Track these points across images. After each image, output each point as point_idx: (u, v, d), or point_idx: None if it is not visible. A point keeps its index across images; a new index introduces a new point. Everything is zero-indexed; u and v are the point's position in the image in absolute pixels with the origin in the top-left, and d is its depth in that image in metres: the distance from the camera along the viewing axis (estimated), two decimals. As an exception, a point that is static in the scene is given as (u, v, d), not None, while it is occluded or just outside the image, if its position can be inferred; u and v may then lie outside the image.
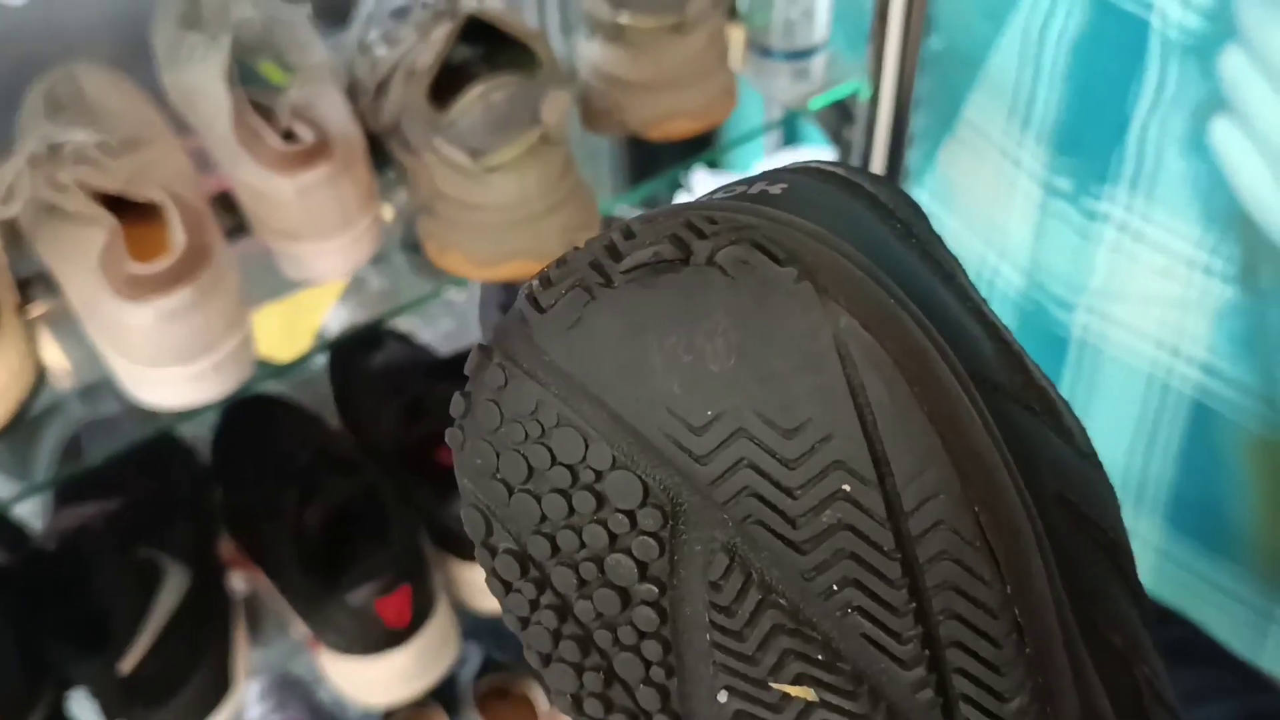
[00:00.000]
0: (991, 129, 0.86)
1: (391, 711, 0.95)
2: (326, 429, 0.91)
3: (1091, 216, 0.81)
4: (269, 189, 0.64)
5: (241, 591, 0.87)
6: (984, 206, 0.89)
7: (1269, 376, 0.76)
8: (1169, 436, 0.85)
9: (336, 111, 0.67)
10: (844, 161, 0.91)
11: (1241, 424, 0.79)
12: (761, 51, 0.83)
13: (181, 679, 0.77)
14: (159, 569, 0.78)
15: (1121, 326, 0.83)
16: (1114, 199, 0.79)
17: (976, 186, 0.90)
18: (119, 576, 0.76)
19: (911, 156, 0.90)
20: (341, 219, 0.65)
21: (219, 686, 0.79)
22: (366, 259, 0.69)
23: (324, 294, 0.91)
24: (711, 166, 1.12)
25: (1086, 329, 0.85)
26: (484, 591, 0.44)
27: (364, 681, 0.83)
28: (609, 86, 0.74)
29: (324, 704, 1.04)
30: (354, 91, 0.70)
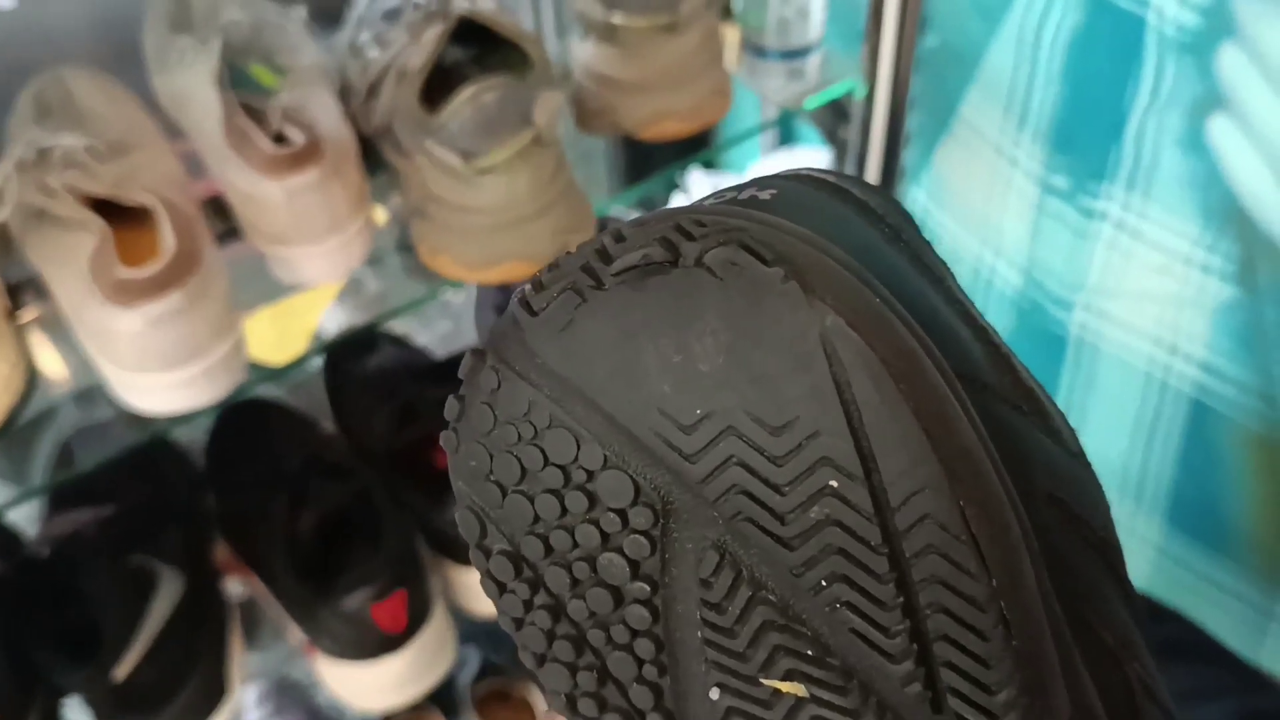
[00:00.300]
0: (987, 127, 0.86)
1: (390, 716, 0.94)
2: (321, 433, 0.91)
3: (1089, 215, 0.81)
4: (259, 192, 0.63)
5: (237, 597, 0.87)
6: (980, 205, 0.89)
7: (1267, 374, 0.76)
8: (1167, 434, 0.84)
9: (327, 114, 0.67)
10: (836, 168, 0.91)
11: (1240, 421, 0.79)
12: (756, 51, 0.82)
13: (176, 686, 0.76)
14: (153, 575, 0.78)
15: (1119, 325, 0.83)
16: (1111, 197, 0.79)
17: (973, 185, 0.90)
18: (112, 582, 0.76)
19: (907, 156, 0.90)
20: (331, 223, 0.65)
21: (214, 693, 0.79)
22: (357, 263, 0.69)
23: (319, 297, 0.90)
24: (707, 167, 1.12)
25: (1084, 327, 0.85)
26: (480, 594, 0.44)
27: (361, 687, 0.83)
28: (602, 87, 0.74)
29: (322, 708, 1.03)
30: (345, 94, 0.70)
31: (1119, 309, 0.82)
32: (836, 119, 0.87)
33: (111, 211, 0.60)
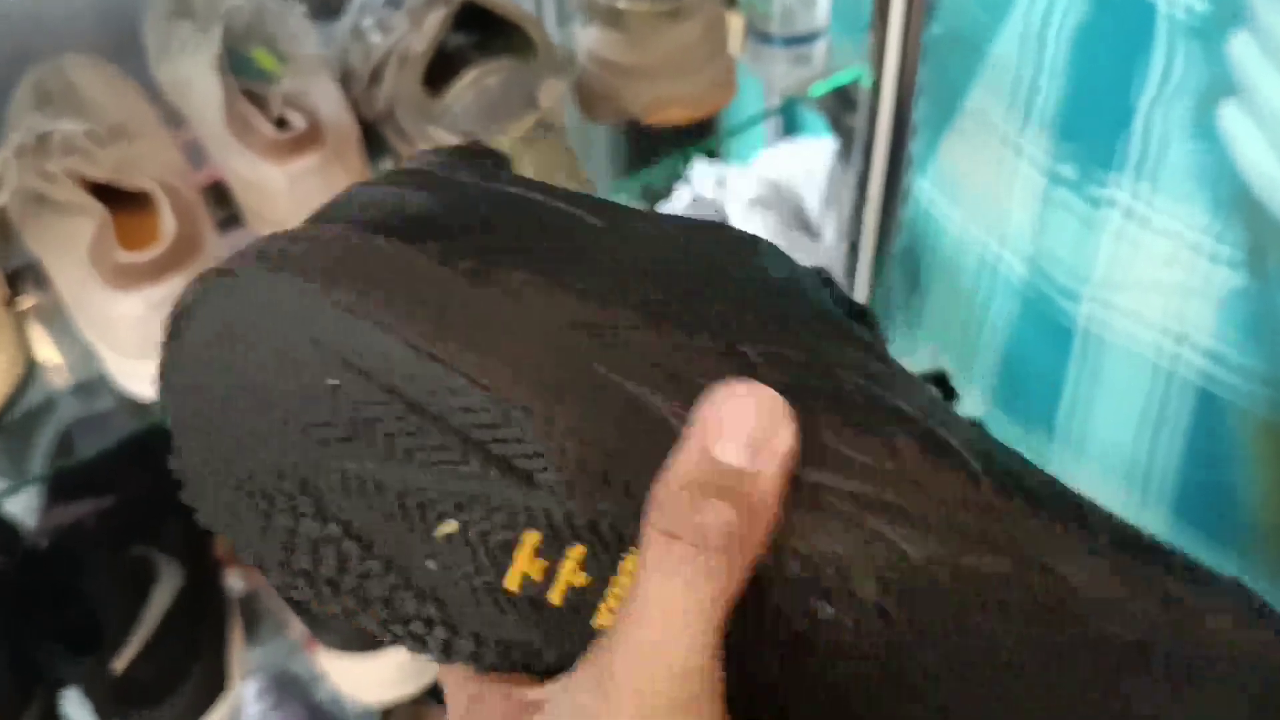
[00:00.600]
0: (993, 116, 0.85)
1: (390, 709, 0.94)
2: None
3: (1096, 204, 0.80)
4: (261, 178, 0.63)
5: (238, 590, 0.86)
6: (986, 195, 0.88)
7: (1276, 363, 0.75)
8: (1174, 425, 0.84)
9: (329, 99, 0.66)
10: (842, 158, 0.90)
11: (1248, 411, 0.78)
12: (761, 37, 0.82)
13: (176, 678, 0.76)
14: (153, 567, 0.77)
15: (1126, 315, 0.82)
16: (1119, 186, 0.78)
17: (978, 175, 0.89)
18: (112, 575, 0.75)
19: (913, 145, 0.89)
20: (335, 208, 0.64)
21: (214, 686, 0.78)
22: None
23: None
24: (710, 155, 1.11)
25: (1091, 318, 0.84)
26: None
27: (362, 680, 0.82)
28: (606, 72, 0.73)
29: (322, 703, 1.03)
30: (347, 80, 0.69)
31: (1126, 299, 0.82)
32: (842, 107, 0.87)
33: (112, 197, 0.60)
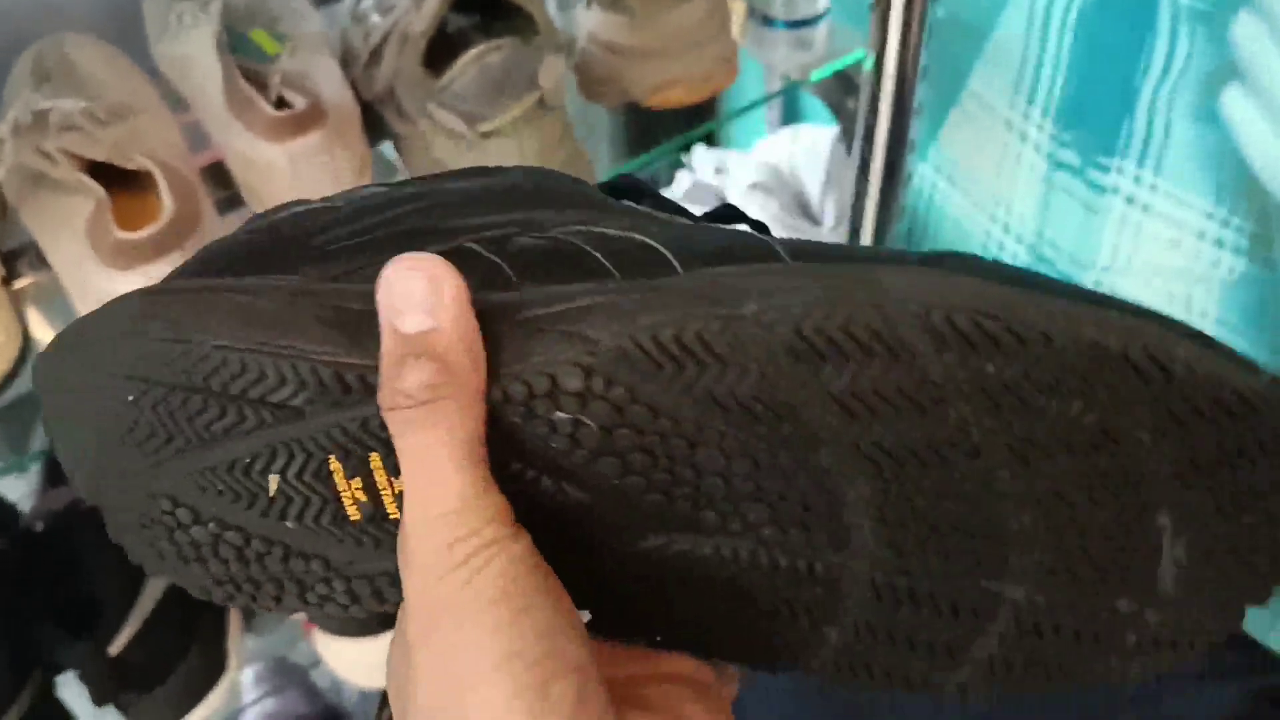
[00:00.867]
0: (996, 101, 0.85)
1: (388, 693, 0.93)
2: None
3: (1099, 189, 0.80)
4: (261, 157, 0.62)
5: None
6: (989, 180, 0.88)
7: (1279, 348, 0.75)
8: (1177, 413, 0.83)
9: (329, 79, 0.66)
10: (843, 141, 0.89)
11: (1251, 399, 0.78)
12: (762, 20, 0.81)
13: (173, 662, 0.75)
14: (150, 549, 0.77)
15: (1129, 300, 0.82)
16: (1122, 171, 0.78)
17: (981, 160, 0.89)
18: (109, 557, 0.75)
19: (914, 128, 0.89)
20: (334, 188, 0.63)
21: (212, 669, 0.78)
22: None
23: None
24: (709, 140, 1.11)
25: (1093, 304, 0.84)
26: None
27: (359, 663, 0.82)
28: (607, 54, 0.73)
29: (320, 688, 1.03)
30: (347, 60, 0.69)
31: (1129, 284, 0.81)
32: (844, 91, 0.86)
33: (110, 176, 0.59)
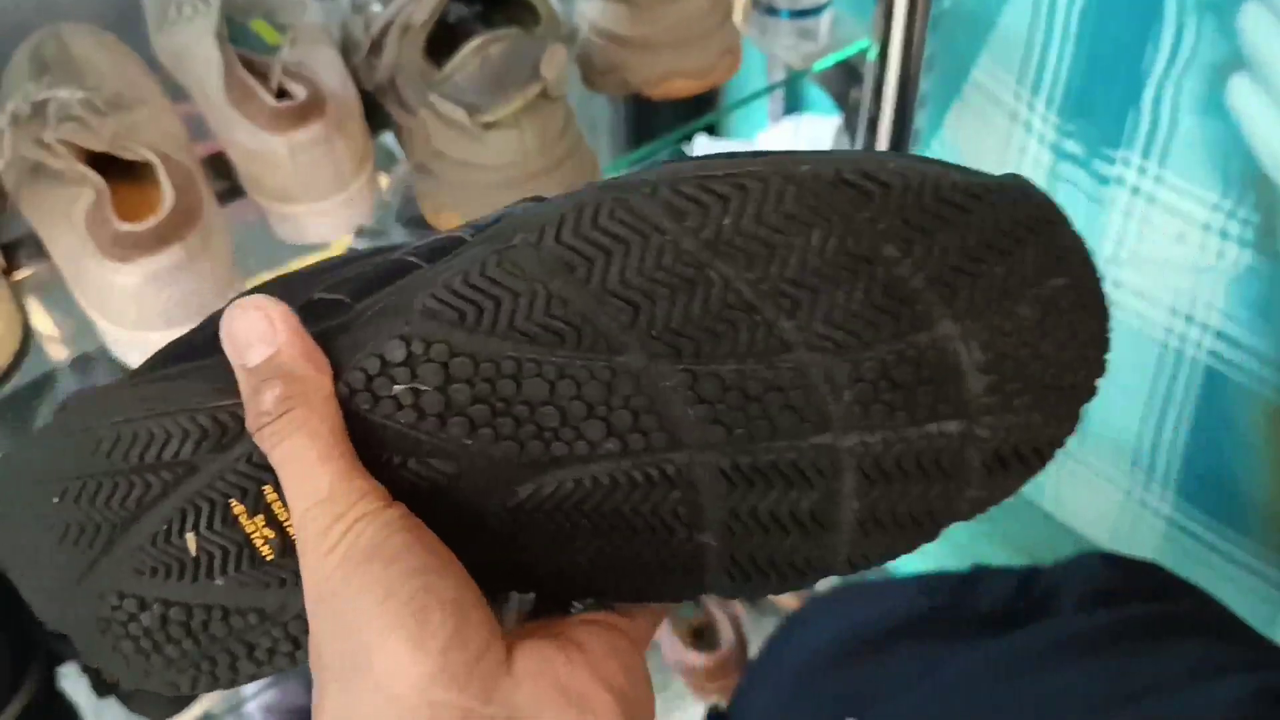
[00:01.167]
0: (1001, 91, 0.84)
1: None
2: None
3: (1103, 180, 0.79)
4: (262, 147, 0.62)
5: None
6: (992, 170, 0.87)
7: (1286, 342, 0.75)
8: (1181, 405, 0.83)
9: (330, 70, 0.65)
10: (848, 132, 0.89)
11: (1256, 391, 0.78)
12: (765, 9, 0.81)
13: (175, 653, 0.75)
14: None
15: (1134, 293, 0.81)
16: (1127, 162, 0.77)
17: (985, 150, 0.88)
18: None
19: (918, 119, 0.88)
20: (335, 179, 0.63)
21: (213, 661, 0.77)
22: (362, 220, 0.67)
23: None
24: (711, 131, 1.10)
25: (1098, 297, 0.84)
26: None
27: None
28: (610, 44, 0.72)
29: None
30: (348, 50, 0.68)
31: (1134, 277, 0.81)
32: (848, 81, 0.86)
33: (110, 168, 0.59)
